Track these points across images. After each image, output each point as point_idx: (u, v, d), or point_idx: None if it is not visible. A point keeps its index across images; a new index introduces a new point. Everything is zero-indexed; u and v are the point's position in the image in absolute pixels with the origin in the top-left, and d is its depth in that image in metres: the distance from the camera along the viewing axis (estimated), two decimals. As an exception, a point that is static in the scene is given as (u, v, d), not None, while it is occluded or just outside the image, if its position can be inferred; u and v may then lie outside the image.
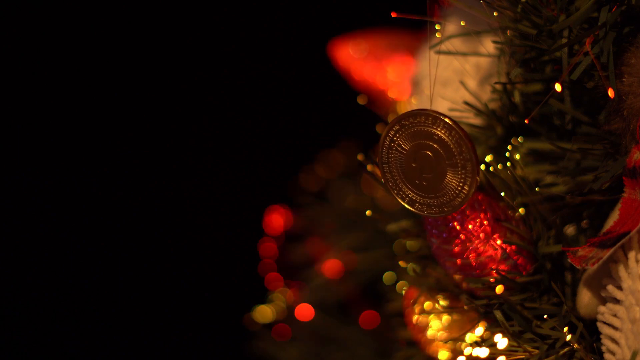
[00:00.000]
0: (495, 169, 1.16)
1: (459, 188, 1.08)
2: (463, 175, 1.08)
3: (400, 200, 1.11)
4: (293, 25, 2.19)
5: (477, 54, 1.24)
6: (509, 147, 1.19)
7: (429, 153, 1.09)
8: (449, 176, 1.09)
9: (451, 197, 1.09)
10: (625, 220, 1.06)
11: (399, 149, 1.10)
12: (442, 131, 1.08)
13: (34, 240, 2.22)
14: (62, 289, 2.21)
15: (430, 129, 1.08)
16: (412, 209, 1.11)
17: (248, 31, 2.24)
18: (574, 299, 1.14)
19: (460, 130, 1.07)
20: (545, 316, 1.13)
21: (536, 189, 1.16)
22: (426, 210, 1.11)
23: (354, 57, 1.61)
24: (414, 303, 1.25)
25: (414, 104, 1.41)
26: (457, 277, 1.17)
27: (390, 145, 1.10)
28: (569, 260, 1.08)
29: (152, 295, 2.22)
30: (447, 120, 1.07)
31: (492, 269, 1.14)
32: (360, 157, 1.26)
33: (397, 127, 1.09)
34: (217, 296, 2.21)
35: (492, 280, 1.13)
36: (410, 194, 1.11)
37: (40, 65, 2.21)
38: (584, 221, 1.18)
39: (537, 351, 1.11)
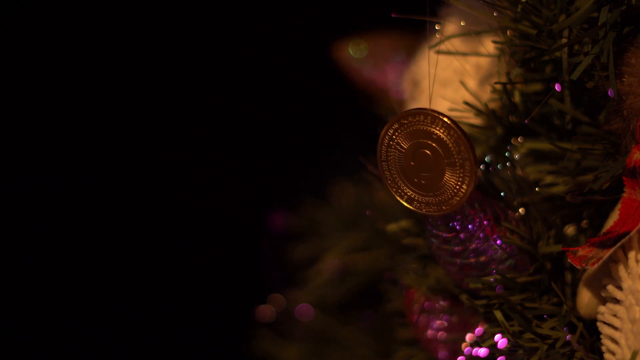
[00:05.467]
0: (495, 169, 1.17)
1: (457, 187, 1.09)
2: (461, 174, 1.08)
3: (398, 198, 1.12)
4: (293, 25, 2.19)
5: (477, 54, 1.24)
6: (509, 147, 1.19)
7: (427, 152, 1.09)
8: (447, 175, 1.09)
9: (449, 196, 1.10)
10: (625, 220, 1.06)
11: (398, 147, 1.10)
12: (441, 130, 1.08)
13: (33, 241, 2.22)
14: (61, 289, 2.21)
15: (429, 128, 1.08)
16: (411, 207, 1.12)
17: (248, 31, 2.24)
18: (574, 299, 1.15)
19: (458, 130, 1.07)
20: (545, 316, 1.13)
21: (536, 189, 1.16)
22: (424, 209, 1.11)
23: (355, 57, 1.61)
24: (414, 303, 1.25)
25: (414, 105, 1.41)
26: (457, 277, 1.17)
27: (389, 143, 1.11)
28: (569, 260, 1.08)
29: (152, 295, 2.22)
30: (445, 119, 1.07)
31: (492, 269, 1.14)
32: (360, 157, 1.26)
33: (396, 125, 1.10)
34: (217, 296, 2.21)
35: (492, 280, 1.13)
36: (408, 192, 1.11)
37: (40, 65, 2.21)
38: (584, 221, 1.18)
39: (537, 351, 1.11)
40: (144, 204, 2.24)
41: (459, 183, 1.08)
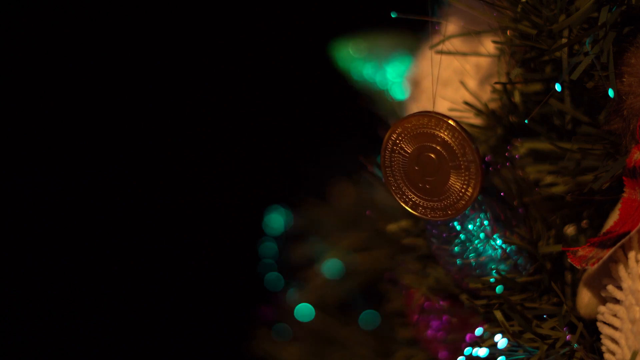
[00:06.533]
0: (495, 169, 1.16)
1: (463, 190, 1.08)
2: (467, 177, 1.07)
3: (403, 205, 1.11)
4: (293, 25, 2.19)
5: (477, 54, 1.24)
6: (508, 147, 1.19)
7: (432, 155, 1.08)
8: (452, 178, 1.08)
9: (455, 200, 1.09)
10: (625, 220, 1.06)
11: (402, 152, 1.09)
12: (445, 133, 1.07)
13: (34, 241, 2.22)
14: (61, 289, 2.21)
15: (433, 131, 1.07)
16: (416, 213, 1.10)
17: (248, 31, 2.24)
18: (574, 299, 1.15)
19: (463, 132, 1.06)
20: (545, 316, 1.13)
21: (536, 189, 1.16)
22: (430, 214, 1.10)
23: (354, 57, 1.61)
24: (414, 303, 1.25)
25: (415, 105, 1.41)
26: (457, 277, 1.17)
27: (392, 148, 1.10)
28: (569, 260, 1.08)
29: (152, 295, 2.22)
30: (450, 122, 1.06)
31: (492, 269, 1.14)
32: (360, 157, 1.26)
33: (399, 129, 1.09)
34: (217, 296, 2.21)
35: (492, 280, 1.13)
36: (413, 197, 1.10)
37: (40, 65, 2.21)
38: (584, 221, 1.18)
39: (537, 351, 1.11)
40: (144, 204, 2.24)
41: (464, 186, 1.08)
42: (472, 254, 1.14)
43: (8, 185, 2.21)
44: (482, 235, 1.14)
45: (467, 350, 1.14)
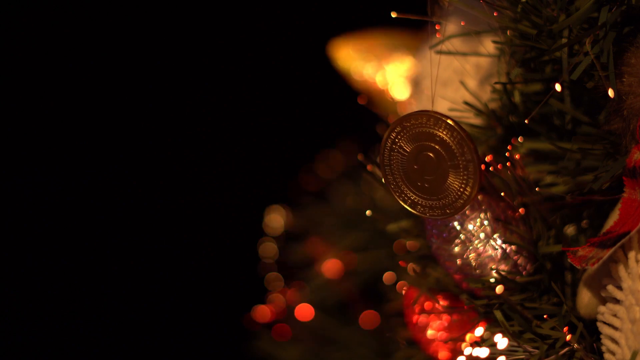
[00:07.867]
0: (495, 169, 1.16)
1: (461, 189, 1.08)
2: (465, 177, 1.08)
3: (402, 203, 1.11)
4: (293, 25, 2.19)
5: (477, 54, 1.24)
6: (509, 147, 1.19)
7: (430, 155, 1.09)
8: (451, 178, 1.08)
9: (453, 199, 1.09)
10: (625, 220, 1.06)
11: (401, 151, 1.10)
12: (444, 132, 1.07)
13: (34, 241, 2.22)
14: (61, 289, 2.21)
15: (432, 130, 1.08)
16: (415, 212, 1.11)
17: (248, 31, 2.24)
18: (574, 299, 1.15)
19: (462, 132, 1.06)
20: (545, 316, 1.13)
21: (536, 189, 1.16)
22: (428, 213, 1.10)
23: (354, 57, 1.61)
24: (414, 303, 1.25)
25: (414, 105, 1.41)
26: (457, 277, 1.17)
27: (391, 147, 1.10)
28: (569, 260, 1.08)
29: (152, 295, 2.22)
30: (449, 121, 1.07)
31: (492, 269, 1.14)
32: (360, 157, 1.26)
33: (398, 128, 1.09)
34: (217, 296, 2.21)
35: (492, 280, 1.13)
36: (412, 196, 1.11)
37: (40, 65, 2.21)
38: (584, 221, 1.18)
39: (537, 351, 1.11)
40: (144, 204, 2.24)
41: (462, 185, 1.08)
42: (472, 254, 1.14)
43: (8, 185, 2.21)
44: (482, 235, 1.14)
45: (467, 350, 1.14)
